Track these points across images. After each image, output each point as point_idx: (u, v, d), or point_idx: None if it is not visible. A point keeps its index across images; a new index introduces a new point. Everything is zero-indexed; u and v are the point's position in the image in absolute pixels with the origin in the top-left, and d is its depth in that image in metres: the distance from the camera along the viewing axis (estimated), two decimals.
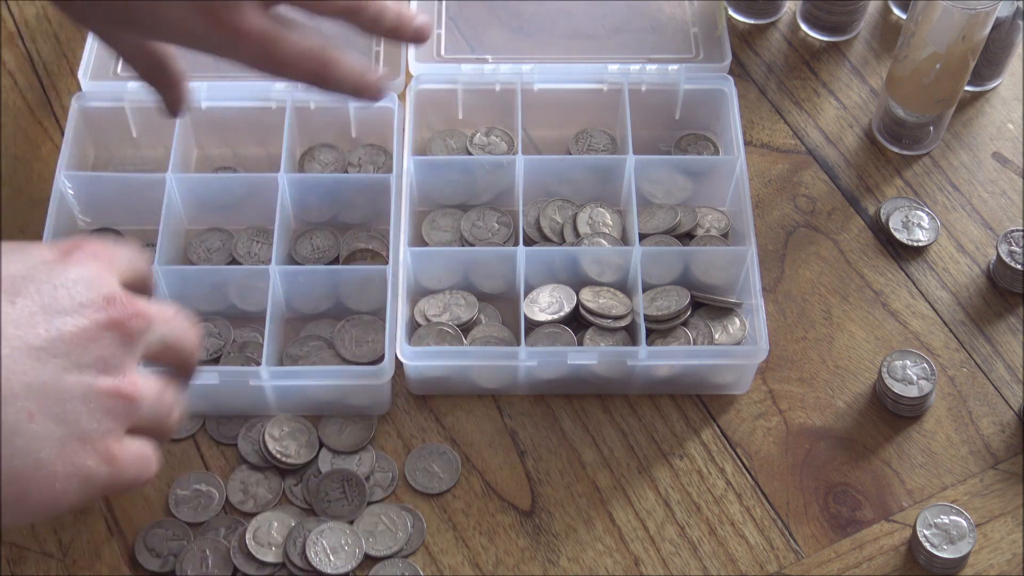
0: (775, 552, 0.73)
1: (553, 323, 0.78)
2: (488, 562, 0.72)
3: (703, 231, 0.83)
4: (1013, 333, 0.81)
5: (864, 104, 0.91)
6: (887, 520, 0.74)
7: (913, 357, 0.78)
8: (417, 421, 0.77)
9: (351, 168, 0.85)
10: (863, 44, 0.94)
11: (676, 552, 0.73)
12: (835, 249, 0.84)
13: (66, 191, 0.81)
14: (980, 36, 0.80)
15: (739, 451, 0.76)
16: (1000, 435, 0.77)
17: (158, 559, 0.72)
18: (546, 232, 0.83)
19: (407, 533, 0.72)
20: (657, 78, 0.86)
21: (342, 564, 0.71)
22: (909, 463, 0.76)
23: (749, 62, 0.93)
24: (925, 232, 0.84)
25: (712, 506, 0.74)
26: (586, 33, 0.91)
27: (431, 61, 0.88)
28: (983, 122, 0.90)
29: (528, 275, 0.79)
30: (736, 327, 0.78)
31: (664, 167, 0.83)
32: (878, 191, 0.87)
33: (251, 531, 0.72)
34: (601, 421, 0.77)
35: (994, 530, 0.73)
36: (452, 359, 0.75)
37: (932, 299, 0.82)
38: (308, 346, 0.78)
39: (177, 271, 0.78)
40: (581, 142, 0.87)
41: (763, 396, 0.78)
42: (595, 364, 0.75)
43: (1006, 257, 0.81)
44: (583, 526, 0.73)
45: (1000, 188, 0.87)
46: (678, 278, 0.80)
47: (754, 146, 0.89)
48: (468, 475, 0.75)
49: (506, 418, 0.77)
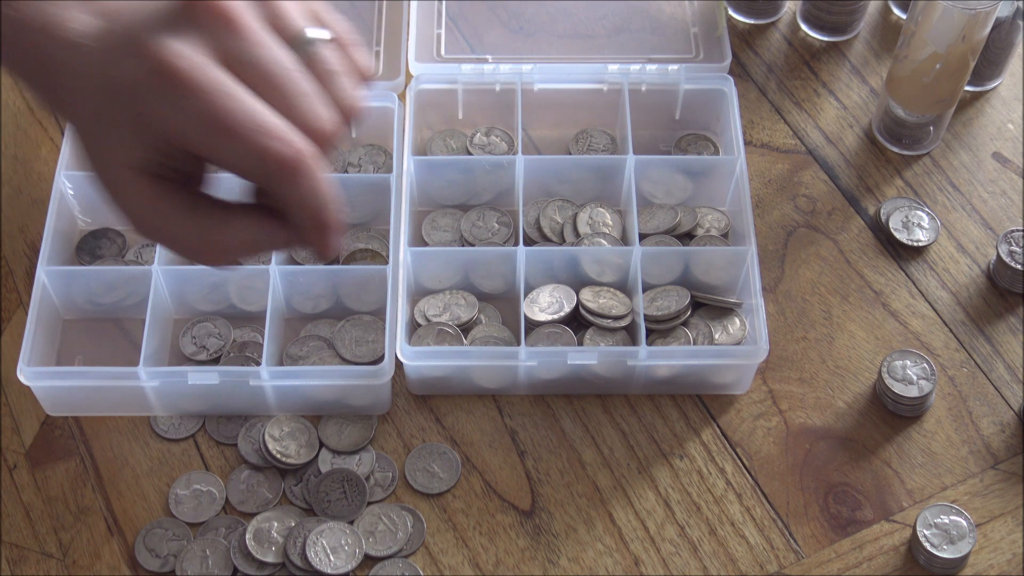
0: (775, 552, 0.73)
1: (553, 323, 0.78)
2: (488, 562, 0.72)
3: (703, 231, 0.83)
4: (1013, 333, 0.81)
5: (864, 104, 0.91)
6: (887, 520, 0.74)
7: (913, 357, 0.78)
8: (417, 421, 0.77)
9: (351, 168, 0.85)
10: (863, 44, 0.94)
11: (676, 552, 0.73)
12: (835, 249, 0.84)
13: (66, 191, 0.81)
14: (980, 36, 0.80)
15: (739, 451, 0.76)
16: (1000, 435, 0.77)
17: (158, 559, 0.72)
18: (546, 232, 0.83)
19: (407, 533, 0.72)
20: (657, 78, 0.86)
21: (342, 564, 0.71)
22: (909, 463, 0.76)
23: (749, 62, 0.93)
24: (925, 232, 0.84)
25: (712, 506, 0.74)
26: (586, 33, 0.91)
27: (431, 61, 0.88)
28: (983, 122, 0.90)
29: (528, 275, 0.79)
30: (736, 327, 0.78)
31: (664, 167, 0.83)
32: (878, 191, 0.87)
33: (251, 531, 0.72)
34: (601, 421, 0.77)
35: (994, 530, 0.73)
36: (452, 359, 0.75)
37: (932, 299, 0.82)
38: (308, 346, 0.78)
39: (177, 271, 0.78)
40: (581, 142, 0.87)
41: (763, 396, 0.78)
42: (595, 364, 0.75)
43: (1006, 257, 0.81)
44: (583, 526, 0.73)
45: (1000, 188, 0.87)
46: (678, 278, 0.80)
47: (754, 146, 0.89)
48: (468, 475, 0.75)
49: (506, 418, 0.77)
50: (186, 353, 0.78)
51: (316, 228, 0.53)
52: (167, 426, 0.76)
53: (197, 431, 0.76)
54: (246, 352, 0.78)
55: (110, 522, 0.73)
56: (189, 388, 0.74)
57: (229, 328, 0.79)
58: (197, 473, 0.75)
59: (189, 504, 0.73)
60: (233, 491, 0.74)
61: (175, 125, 0.50)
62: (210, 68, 0.50)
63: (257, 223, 0.53)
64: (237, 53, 0.50)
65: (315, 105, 0.52)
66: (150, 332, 0.75)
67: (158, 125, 0.50)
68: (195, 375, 0.73)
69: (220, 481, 0.74)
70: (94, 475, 0.75)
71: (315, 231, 0.53)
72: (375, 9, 0.91)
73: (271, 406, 0.76)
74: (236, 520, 0.73)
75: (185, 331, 0.79)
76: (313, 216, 0.52)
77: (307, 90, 0.52)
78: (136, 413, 0.77)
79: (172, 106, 0.49)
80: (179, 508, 0.73)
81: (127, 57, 0.50)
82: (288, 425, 0.76)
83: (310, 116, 0.51)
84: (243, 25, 0.51)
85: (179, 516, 0.73)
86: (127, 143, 0.51)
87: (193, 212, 0.53)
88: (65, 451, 0.76)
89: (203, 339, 0.79)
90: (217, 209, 0.54)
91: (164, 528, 0.73)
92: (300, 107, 0.51)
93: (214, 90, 0.49)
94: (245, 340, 0.79)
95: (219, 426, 0.76)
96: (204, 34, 0.50)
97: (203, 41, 0.50)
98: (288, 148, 0.50)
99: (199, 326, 0.79)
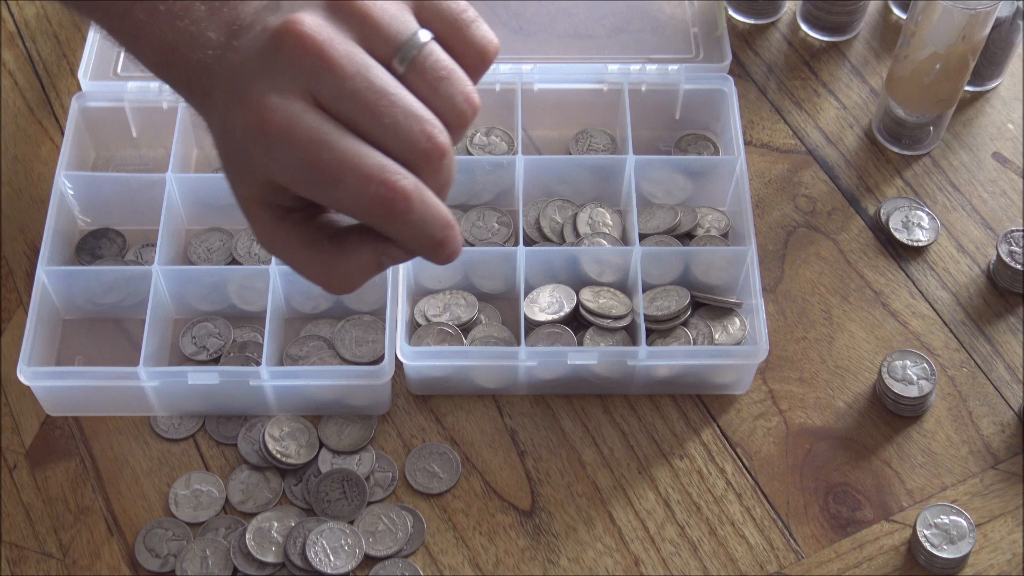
0: (775, 552, 0.73)
1: (553, 323, 0.78)
2: (488, 562, 0.72)
3: (703, 231, 0.83)
4: (1013, 333, 0.81)
5: (864, 104, 0.91)
6: (887, 520, 0.74)
7: (913, 357, 0.78)
8: (417, 421, 0.77)
9: None
10: (863, 44, 0.94)
11: (676, 552, 0.73)
12: (835, 249, 0.84)
13: (66, 191, 0.81)
14: (980, 36, 0.80)
15: (739, 451, 0.76)
16: (1000, 435, 0.77)
17: (158, 559, 0.72)
18: (546, 232, 0.83)
19: (407, 533, 0.72)
20: (657, 78, 0.86)
21: (342, 564, 0.71)
22: (909, 463, 0.76)
23: (749, 62, 0.93)
24: (925, 232, 0.84)
25: (712, 506, 0.74)
26: (586, 33, 0.91)
27: None
28: (983, 122, 0.90)
29: (528, 275, 0.79)
30: (736, 327, 0.78)
31: (664, 167, 0.83)
32: (878, 191, 0.87)
33: (251, 531, 0.72)
34: (601, 421, 0.77)
35: (994, 530, 0.73)
36: (452, 359, 0.75)
37: (932, 299, 0.82)
38: (308, 346, 0.78)
39: (177, 271, 0.78)
40: (581, 142, 0.87)
41: (763, 396, 0.78)
42: (595, 364, 0.75)
43: (1006, 257, 0.81)
44: (583, 526, 0.73)
45: (1000, 188, 0.87)
46: (678, 278, 0.80)
47: (754, 146, 0.89)
48: (468, 475, 0.75)
49: (506, 418, 0.77)
50: (186, 353, 0.78)
51: (431, 248, 0.51)
52: (167, 426, 0.76)
53: (197, 431, 0.76)
54: (246, 352, 0.78)
55: (110, 522, 0.73)
56: (189, 388, 0.74)
57: (229, 328, 0.79)
58: (197, 473, 0.75)
59: (189, 504, 0.73)
60: (233, 491, 0.74)
61: (276, 174, 0.50)
62: (304, 117, 0.49)
63: (374, 249, 0.52)
64: (331, 90, 0.49)
65: (419, 126, 0.50)
66: (150, 332, 0.75)
67: (262, 172, 0.50)
68: (195, 375, 0.73)
69: (220, 481, 0.74)
70: (94, 475, 0.75)
71: (431, 250, 0.52)
72: None
73: (271, 406, 0.76)
74: (236, 520, 0.73)
75: (185, 331, 0.79)
76: (426, 241, 0.51)
77: (409, 111, 0.49)
78: (136, 413, 0.77)
79: (271, 157, 0.49)
80: (179, 508, 0.73)
81: (232, 103, 0.50)
82: (288, 425, 0.76)
83: (415, 138, 0.50)
84: (334, 59, 0.49)
85: (179, 516, 0.73)
86: (245, 180, 0.51)
87: (313, 246, 0.53)
88: (65, 451, 0.76)
89: (203, 339, 0.79)
90: (336, 241, 0.53)
91: (164, 528, 0.73)
92: (402, 133, 0.49)
93: (309, 140, 0.48)
94: (245, 340, 0.79)
95: (219, 426, 0.76)
96: (297, 73, 0.49)
97: (296, 82, 0.49)
98: (388, 191, 0.49)
99: (199, 326, 0.79)
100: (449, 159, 0.51)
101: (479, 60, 0.53)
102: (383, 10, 0.51)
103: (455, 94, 0.51)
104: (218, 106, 0.51)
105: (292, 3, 0.51)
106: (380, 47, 0.50)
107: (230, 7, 0.52)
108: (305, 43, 0.49)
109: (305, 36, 0.49)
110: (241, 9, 0.52)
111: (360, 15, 0.50)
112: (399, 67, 0.50)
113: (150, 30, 0.52)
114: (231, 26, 0.51)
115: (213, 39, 0.51)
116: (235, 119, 0.50)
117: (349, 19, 0.50)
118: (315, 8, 0.50)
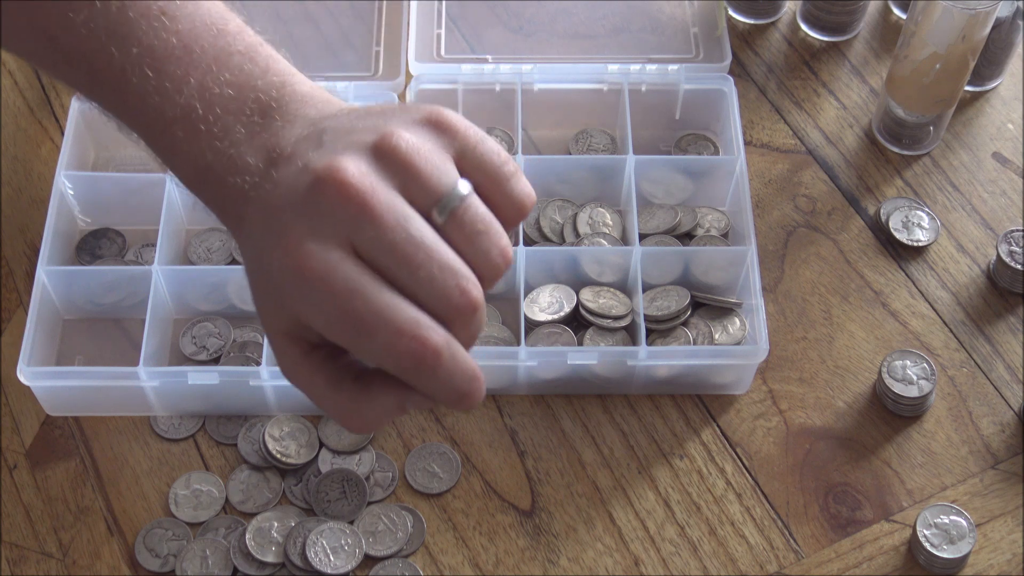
0: (775, 552, 0.73)
1: (553, 323, 0.78)
2: (488, 562, 0.72)
3: (703, 231, 0.83)
4: (1013, 333, 0.81)
5: (864, 104, 0.91)
6: (887, 520, 0.74)
7: (913, 357, 0.78)
8: (417, 421, 0.77)
9: None
10: (863, 44, 0.94)
11: (676, 552, 0.73)
12: (835, 249, 0.84)
13: (66, 191, 0.81)
14: (980, 36, 0.80)
15: (739, 451, 0.76)
16: (1000, 435, 0.77)
17: (158, 559, 0.72)
18: (546, 232, 0.83)
19: (407, 533, 0.72)
20: (657, 78, 0.86)
21: (342, 564, 0.71)
22: (909, 463, 0.76)
23: (749, 62, 0.93)
24: (925, 232, 0.84)
25: (712, 506, 0.74)
26: (586, 33, 0.91)
27: (431, 61, 0.88)
28: (983, 122, 0.90)
29: (528, 275, 0.79)
30: (736, 327, 0.78)
31: (664, 167, 0.83)
32: (878, 191, 0.87)
33: (251, 531, 0.72)
34: (601, 421, 0.77)
35: (994, 530, 0.73)
36: None
37: (932, 299, 0.82)
38: None
39: (177, 271, 0.78)
40: (581, 142, 0.87)
41: (763, 396, 0.78)
42: (595, 364, 0.75)
43: (1006, 257, 0.81)
44: (583, 526, 0.73)
45: (1000, 188, 0.87)
46: (678, 278, 0.80)
47: (754, 146, 0.89)
48: (468, 475, 0.75)
49: (506, 418, 0.77)
50: (186, 353, 0.78)
51: (456, 400, 0.51)
52: (167, 426, 0.76)
53: (197, 431, 0.76)
54: (246, 352, 0.78)
55: (110, 522, 0.73)
56: (189, 388, 0.74)
57: (229, 328, 0.79)
58: (197, 473, 0.75)
59: (189, 504, 0.73)
60: (233, 491, 0.74)
61: (309, 317, 0.49)
62: (342, 266, 0.48)
63: (398, 396, 0.52)
64: (370, 241, 0.49)
65: (454, 280, 0.49)
66: (150, 332, 0.75)
67: (294, 311, 0.50)
68: (195, 375, 0.73)
69: (220, 481, 0.74)
70: (94, 475, 0.75)
71: (455, 401, 0.51)
72: (375, 9, 0.91)
73: (271, 406, 0.76)
74: (236, 520, 0.73)
75: (185, 331, 0.79)
76: (452, 394, 0.51)
77: (444, 264, 0.49)
78: (136, 413, 0.77)
79: (305, 303, 0.49)
80: (179, 508, 0.73)
81: (269, 239, 0.50)
82: (288, 425, 0.76)
83: (449, 293, 0.49)
84: (375, 211, 0.48)
85: (179, 516, 0.73)
86: (276, 313, 0.51)
87: (337, 386, 0.52)
88: (65, 451, 0.76)
89: (203, 339, 0.79)
90: (361, 385, 0.52)
91: (164, 528, 0.73)
92: (437, 287, 0.49)
93: (345, 290, 0.48)
94: (245, 340, 0.79)
95: (219, 426, 0.76)
96: (337, 222, 0.49)
97: (336, 230, 0.49)
98: (420, 346, 0.49)
99: (199, 326, 0.79)
100: (480, 313, 0.50)
101: (516, 213, 0.53)
102: (426, 160, 0.50)
103: (491, 248, 0.51)
104: (254, 236, 0.51)
105: (335, 137, 0.50)
106: (421, 197, 0.50)
107: (270, 132, 0.52)
108: (348, 193, 0.48)
109: (349, 186, 0.48)
110: (281, 136, 0.52)
111: (404, 163, 0.50)
112: (438, 218, 0.50)
113: (188, 148, 0.52)
114: (270, 153, 0.51)
115: (251, 164, 0.51)
116: (271, 256, 0.50)
117: (392, 166, 0.50)
118: (359, 151, 0.50)
